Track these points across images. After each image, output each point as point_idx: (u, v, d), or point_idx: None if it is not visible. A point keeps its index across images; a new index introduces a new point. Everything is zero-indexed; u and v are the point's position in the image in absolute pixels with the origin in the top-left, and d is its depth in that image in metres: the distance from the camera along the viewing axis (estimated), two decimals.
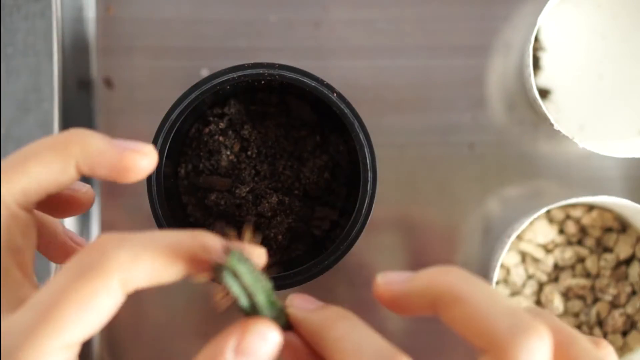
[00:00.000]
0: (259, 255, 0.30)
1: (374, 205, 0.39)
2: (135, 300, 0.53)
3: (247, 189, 0.41)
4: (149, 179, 0.38)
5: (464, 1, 0.52)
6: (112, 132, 0.51)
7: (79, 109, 0.52)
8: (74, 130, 0.32)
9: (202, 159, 0.42)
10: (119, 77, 0.52)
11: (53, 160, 0.31)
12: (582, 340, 0.32)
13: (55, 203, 0.35)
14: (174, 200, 0.41)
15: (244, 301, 0.28)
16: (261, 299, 0.28)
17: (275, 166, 0.42)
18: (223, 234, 0.29)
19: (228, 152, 0.42)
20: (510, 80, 0.53)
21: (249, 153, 0.42)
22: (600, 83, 0.52)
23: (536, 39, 0.52)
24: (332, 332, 0.31)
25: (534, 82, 0.47)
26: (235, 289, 0.27)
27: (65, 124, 0.51)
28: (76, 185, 0.35)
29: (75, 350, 0.28)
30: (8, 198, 0.30)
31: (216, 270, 0.27)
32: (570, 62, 0.52)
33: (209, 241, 0.29)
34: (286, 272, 0.39)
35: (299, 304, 0.34)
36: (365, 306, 0.52)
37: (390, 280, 0.34)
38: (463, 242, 0.52)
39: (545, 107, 0.47)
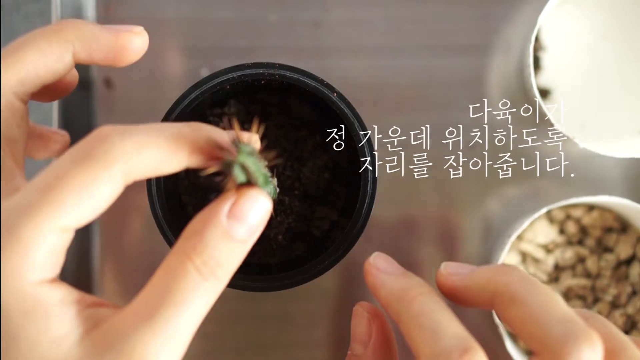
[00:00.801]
0: (256, 142, 0.32)
1: (374, 205, 0.39)
2: None
3: None
4: (148, 179, 0.38)
5: (464, 1, 0.52)
6: None
7: (78, 109, 0.52)
8: (66, 19, 0.32)
9: None
10: (119, 77, 0.52)
11: (49, 47, 0.31)
12: (633, 347, 0.32)
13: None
14: (174, 200, 0.41)
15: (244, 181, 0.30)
16: (261, 180, 0.30)
17: (276, 166, 0.42)
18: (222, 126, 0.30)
19: None
20: (510, 80, 0.52)
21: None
22: (601, 83, 0.52)
23: (536, 39, 0.52)
24: (413, 306, 0.32)
25: (535, 82, 0.47)
26: (241, 178, 0.30)
27: (65, 124, 0.51)
28: None
29: (69, 236, 0.28)
30: (6, 88, 0.30)
31: (226, 165, 0.29)
32: (571, 62, 0.52)
33: (215, 135, 0.31)
34: (286, 272, 0.39)
35: (382, 266, 0.35)
36: None
37: (452, 271, 0.35)
38: (463, 242, 0.52)
39: (546, 107, 0.47)
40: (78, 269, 0.52)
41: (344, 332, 0.52)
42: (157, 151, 0.29)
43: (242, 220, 0.29)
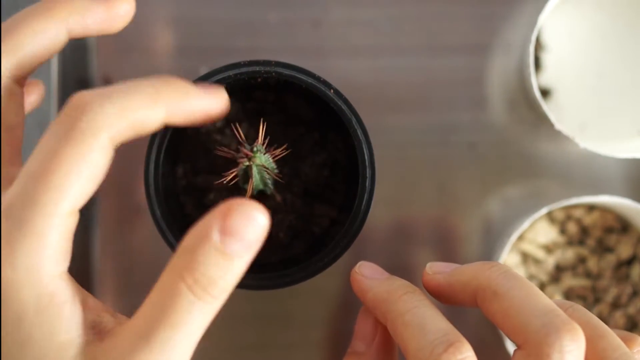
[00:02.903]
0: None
1: (372, 202, 0.38)
2: (139, 304, 0.53)
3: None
4: (146, 179, 0.38)
5: (465, 1, 0.52)
6: None
7: None
8: None
9: (199, 158, 0.42)
10: (119, 76, 0.52)
11: (44, 28, 0.31)
12: (611, 335, 0.32)
13: None
14: (172, 200, 0.41)
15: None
16: (269, 178, 0.34)
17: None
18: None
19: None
20: (511, 80, 0.52)
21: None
22: (601, 83, 0.52)
23: (537, 39, 0.52)
24: (399, 305, 0.32)
25: (535, 82, 0.47)
26: (256, 177, 0.33)
27: None
28: None
29: (76, 218, 0.28)
30: (4, 74, 0.30)
31: (244, 169, 0.33)
32: (571, 62, 0.52)
33: (192, 95, 0.32)
34: (286, 270, 0.39)
35: (367, 272, 0.36)
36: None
37: (437, 270, 0.36)
38: (463, 243, 0.52)
39: (546, 107, 0.47)
40: (78, 269, 0.52)
41: (343, 333, 0.52)
42: (139, 112, 0.29)
43: (236, 236, 0.28)
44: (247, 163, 0.32)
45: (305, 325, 0.52)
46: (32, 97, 0.41)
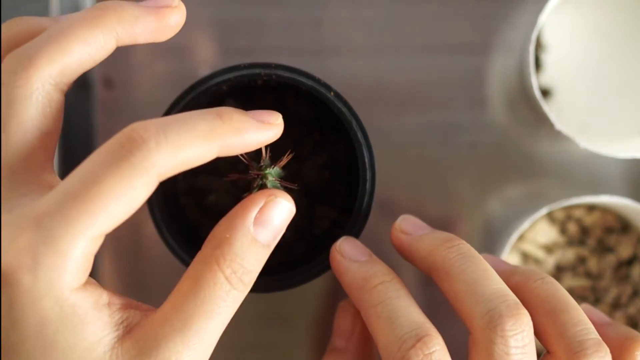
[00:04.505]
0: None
1: (373, 204, 0.38)
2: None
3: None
4: None
5: (465, 1, 0.52)
6: (111, 132, 0.50)
7: (78, 109, 0.52)
8: (105, 3, 0.31)
9: None
10: (118, 77, 0.52)
11: (93, 37, 0.30)
12: (576, 310, 0.32)
13: None
14: (172, 201, 0.41)
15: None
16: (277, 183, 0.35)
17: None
18: None
19: None
20: (511, 79, 0.52)
21: (246, 153, 0.42)
22: (602, 83, 0.52)
23: (537, 39, 0.52)
24: (372, 295, 0.33)
25: (535, 82, 0.47)
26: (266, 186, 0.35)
27: (65, 124, 0.50)
28: None
29: (101, 241, 0.28)
30: (47, 81, 0.30)
31: (255, 180, 0.34)
32: (571, 62, 0.52)
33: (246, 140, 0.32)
34: (286, 272, 0.39)
35: (347, 251, 0.36)
36: None
37: (405, 229, 0.37)
38: None
39: (546, 107, 0.47)
40: None
41: None
42: (192, 150, 0.29)
43: (267, 225, 0.31)
44: (261, 182, 0.34)
45: (305, 325, 0.52)
46: None
